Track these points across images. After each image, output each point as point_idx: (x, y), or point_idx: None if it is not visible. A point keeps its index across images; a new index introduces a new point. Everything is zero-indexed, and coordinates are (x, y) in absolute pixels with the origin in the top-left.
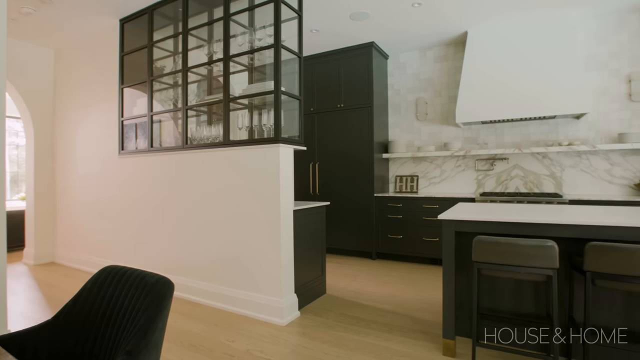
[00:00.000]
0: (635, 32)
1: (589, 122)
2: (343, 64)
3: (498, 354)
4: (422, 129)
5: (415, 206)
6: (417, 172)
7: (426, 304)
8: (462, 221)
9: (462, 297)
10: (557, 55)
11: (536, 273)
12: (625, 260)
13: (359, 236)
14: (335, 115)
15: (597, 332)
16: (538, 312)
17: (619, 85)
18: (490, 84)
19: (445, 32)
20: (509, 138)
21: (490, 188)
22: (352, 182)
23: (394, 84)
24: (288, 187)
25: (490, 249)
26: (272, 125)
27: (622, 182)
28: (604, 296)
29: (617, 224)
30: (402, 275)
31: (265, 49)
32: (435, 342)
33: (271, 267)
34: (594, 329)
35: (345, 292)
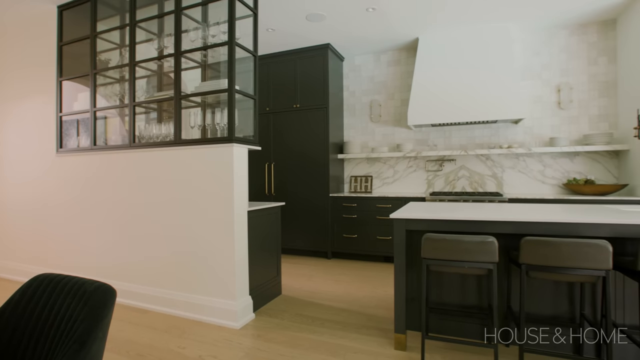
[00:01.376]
0: (564, 46)
1: (525, 127)
2: (299, 64)
3: (445, 345)
4: (376, 130)
5: (369, 206)
6: (371, 173)
7: (380, 301)
8: (412, 220)
9: (413, 293)
10: (497, 64)
11: (479, 267)
12: (554, 253)
13: (314, 236)
14: (291, 115)
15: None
16: (481, 304)
17: (550, 94)
18: (439, 89)
19: (398, 38)
20: (457, 140)
21: (440, 188)
22: (308, 182)
23: (349, 86)
24: (242, 188)
25: (437, 245)
26: (225, 124)
27: (553, 182)
28: (537, 286)
29: (547, 220)
30: (356, 273)
31: (219, 46)
32: (387, 337)
33: (225, 269)
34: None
35: (300, 292)
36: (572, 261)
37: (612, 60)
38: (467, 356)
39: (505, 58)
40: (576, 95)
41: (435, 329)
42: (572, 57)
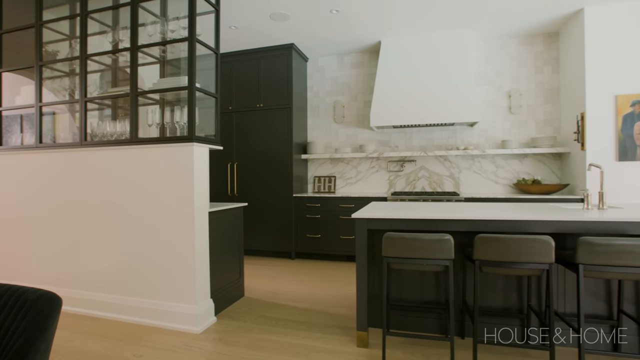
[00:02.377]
0: (514, 55)
1: (480, 130)
2: (263, 63)
3: (406, 340)
4: (340, 131)
5: (332, 206)
6: (334, 173)
7: (343, 300)
8: (373, 219)
9: (374, 291)
10: (454, 70)
11: (436, 264)
12: (504, 249)
13: (278, 236)
14: (254, 114)
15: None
16: (439, 299)
17: (502, 100)
18: (401, 92)
19: (361, 41)
20: (417, 142)
21: (401, 188)
22: (272, 182)
23: (313, 87)
24: (203, 188)
25: (397, 244)
26: (185, 123)
27: (505, 182)
28: (489, 280)
29: (498, 218)
30: (320, 273)
31: (179, 41)
32: (350, 335)
33: (185, 272)
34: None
35: (264, 294)
36: (520, 256)
37: (555, 69)
38: (426, 350)
39: (461, 64)
40: (525, 101)
41: (396, 325)
42: (521, 65)
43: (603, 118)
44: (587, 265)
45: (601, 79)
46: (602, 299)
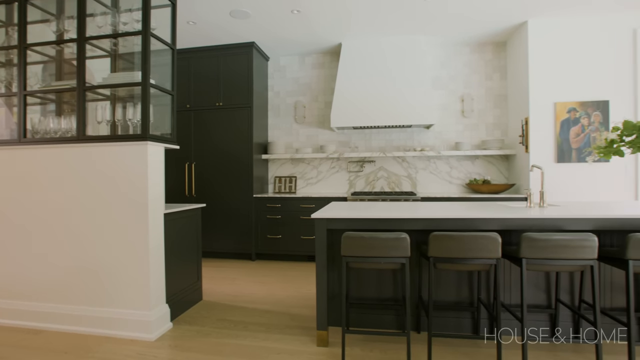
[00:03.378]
0: (467, 61)
1: (435, 132)
2: (223, 61)
3: (365, 337)
4: (301, 131)
5: (293, 206)
6: (295, 173)
7: (303, 300)
8: (332, 219)
9: (334, 290)
10: (412, 73)
11: (393, 262)
12: (457, 246)
13: (238, 238)
14: (213, 113)
15: (439, 307)
16: (396, 296)
17: (456, 103)
18: (361, 94)
19: (322, 42)
20: (376, 143)
21: (360, 188)
22: (232, 183)
23: (274, 86)
24: (158, 189)
25: (355, 243)
26: (139, 120)
27: (458, 182)
28: (443, 276)
29: (451, 217)
30: (281, 273)
31: (132, 35)
32: (310, 335)
33: (138, 277)
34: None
35: (223, 296)
36: (471, 252)
37: (503, 76)
38: (384, 346)
39: (418, 69)
40: (476, 105)
41: (356, 322)
42: (473, 71)
43: (544, 123)
44: (529, 259)
45: (542, 87)
46: (542, 289)
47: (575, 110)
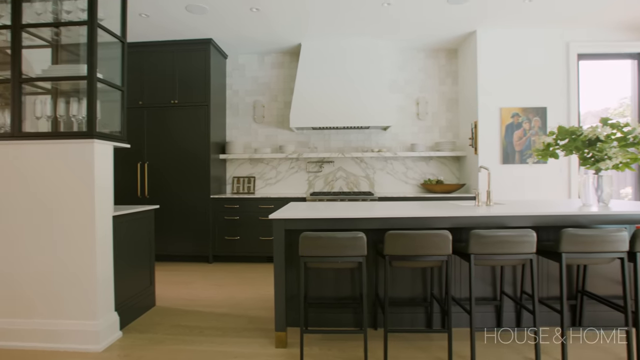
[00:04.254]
0: (422, 66)
1: (392, 134)
2: (179, 57)
3: (324, 336)
4: (260, 131)
5: (252, 207)
6: (254, 173)
7: (262, 301)
8: (290, 220)
9: (293, 290)
10: (370, 76)
11: (350, 261)
12: (411, 244)
13: (195, 240)
14: (169, 111)
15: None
16: (354, 294)
17: (411, 106)
18: (320, 95)
19: (282, 41)
20: (335, 143)
21: (319, 188)
22: (188, 183)
23: (233, 85)
24: (106, 190)
25: (313, 243)
26: (84, 117)
27: (414, 182)
28: (398, 274)
29: (406, 216)
30: (239, 276)
31: (76, 24)
32: (269, 337)
33: (84, 285)
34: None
35: (178, 301)
36: (424, 250)
37: (455, 82)
38: (342, 344)
39: (377, 71)
40: (430, 109)
41: (315, 322)
42: (427, 76)
43: (491, 127)
44: (477, 255)
45: (489, 93)
46: (489, 283)
47: (518, 115)
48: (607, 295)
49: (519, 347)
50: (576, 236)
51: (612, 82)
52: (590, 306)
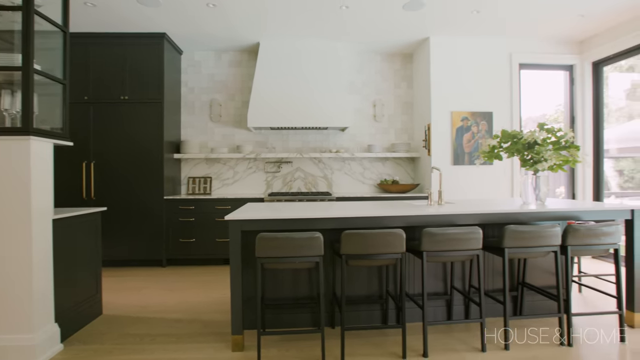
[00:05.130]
0: (378, 69)
1: (350, 135)
2: (129, 51)
3: (281, 337)
4: (216, 130)
5: (208, 208)
6: (210, 174)
7: (218, 305)
8: (247, 220)
9: (250, 292)
10: (329, 77)
11: (307, 261)
12: (366, 242)
13: (147, 243)
14: (118, 108)
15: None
16: (312, 294)
17: (368, 108)
18: (278, 94)
19: (240, 39)
20: (293, 144)
21: (278, 188)
22: (139, 184)
23: (188, 82)
24: (45, 192)
25: (270, 244)
26: (18, 111)
27: (370, 182)
28: (355, 272)
29: (362, 215)
30: (194, 279)
31: (9, 9)
32: (225, 340)
33: (17, 295)
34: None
35: (127, 309)
36: (379, 248)
37: (410, 85)
38: (300, 344)
39: (335, 73)
40: (387, 111)
41: (273, 324)
42: (384, 79)
43: (442, 129)
44: (429, 252)
45: (441, 97)
46: (440, 278)
47: (467, 119)
48: (544, 285)
49: (467, 338)
50: (517, 232)
51: (548, 91)
52: (530, 296)
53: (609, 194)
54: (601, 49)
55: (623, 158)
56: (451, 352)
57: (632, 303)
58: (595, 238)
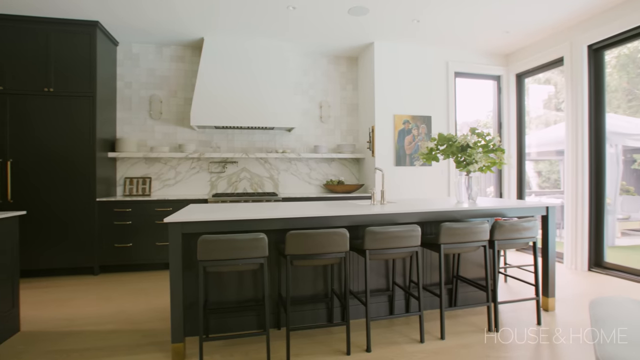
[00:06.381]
0: (325, 71)
1: (296, 135)
2: (55, 38)
3: (226, 342)
4: (157, 128)
5: (147, 210)
6: (150, 174)
7: (157, 312)
8: (188, 223)
9: (192, 297)
10: (276, 77)
11: (252, 263)
12: (311, 242)
13: (76, 250)
14: (41, 100)
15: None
16: (257, 296)
17: (315, 109)
18: (223, 93)
19: (182, 33)
20: (239, 144)
21: (222, 189)
22: (67, 185)
23: (125, 76)
24: None
25: (212, 246)
26: None
27: (317, 182)
28: (300, 272)
29: (307, 215)
30: (131, 286)
31: None
32: (165, 350)
33: None
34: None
35: (52, 323)
36: (324, 248)
37: (355, 88)
38: (246, 347)
39: (282, 73)
40: (333, 112)
41: (217, 329)
42: (330, 81)
43: (386, 131)
44: (372, 250)
45: (385, 100)
46: (383, 275)
47: (409, 122)
48: (475, 277)
49: (408, 331)
50: (451, 229)
51: (481, 98)
52: (463, 288)
53: (530, 192)
54: (523, 62)
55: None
56: (393, 345)
57: (547, 289)
58: (518, 233)
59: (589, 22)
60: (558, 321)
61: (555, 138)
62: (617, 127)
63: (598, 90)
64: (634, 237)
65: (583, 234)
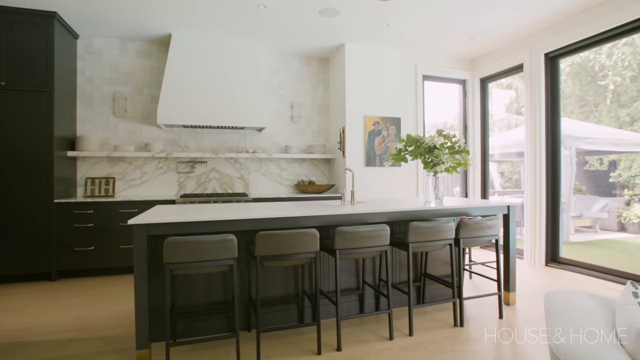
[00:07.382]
0: (296, 71)
1: (267, 135)
2: (8, 29)
3: (194, 347)
4: (121, 126)
5: (110, 212)
6: (113, 174)
7: (121, 318)
8: (153, 224)
9: (158, 302)
10: (246, 76)
11: (221, 264)
12: (281, 243)
13: (31, 255)
14: None
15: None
16: (227, 298)
17: (286, 109)
18: (192, 91)
19: (148, 28)
20: (208, 143)
21: (191, 190)
22: (21, 186)
23: (86, 71)
24: None
25: (180, 248)
26: None
27: (288, 183)
28: (270, 273)
29: (277, 216)
30: (93, 292)
31: None
32: (130, 357)
33: None
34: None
35: (2, 334)
36: (294, 248)
37: (326, 89)
38: (215, 351)
39: (252, 72)
40: (304, 113)
41: (185, 333)
42: (301, 81)
43: (356, 132)
44: (342, 250)
45: (355, 101)
46: (353, 274)
47: (379, 123)
48: (442, 275)
49: (377, 329)
50: (419, 228)
51: (448, 101)
52: (430, 285)
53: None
54: (487, 67)
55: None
56: (363, 343)
57: (508, 284)
58: (481, 231)
59: (547, 32)
60: (518, 314)
61: (516, 140)
62: (571, 131)
63: (554, 96)
64: (586, 233)
65: (541, 231)
